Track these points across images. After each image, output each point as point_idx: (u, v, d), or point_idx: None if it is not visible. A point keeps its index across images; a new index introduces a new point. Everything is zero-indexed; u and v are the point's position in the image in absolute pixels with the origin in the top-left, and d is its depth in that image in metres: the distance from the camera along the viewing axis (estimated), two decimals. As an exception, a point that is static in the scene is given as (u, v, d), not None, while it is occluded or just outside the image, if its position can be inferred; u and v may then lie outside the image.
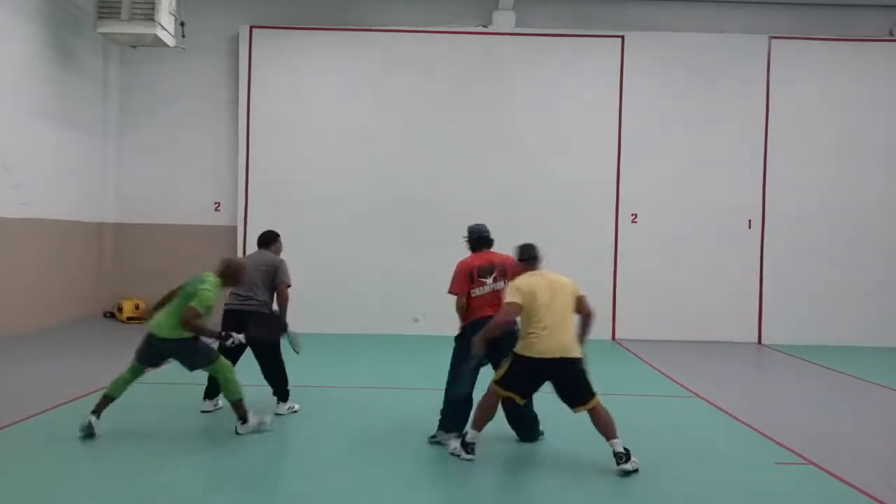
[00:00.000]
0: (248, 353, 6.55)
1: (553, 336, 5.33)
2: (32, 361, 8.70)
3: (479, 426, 5.49)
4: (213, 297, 5.80)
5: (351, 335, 11.76)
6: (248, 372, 6.41)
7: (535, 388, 5.55)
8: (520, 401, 5.55)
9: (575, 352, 5.39)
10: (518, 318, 5.47)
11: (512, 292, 5.50)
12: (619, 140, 12.43)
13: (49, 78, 11.14)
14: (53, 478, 4.88)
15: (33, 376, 7.88)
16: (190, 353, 5.84)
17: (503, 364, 5.54)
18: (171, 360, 5.96)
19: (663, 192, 12.41)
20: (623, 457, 5.20)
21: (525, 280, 5.56)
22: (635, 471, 5.15)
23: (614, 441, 5.28)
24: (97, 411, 5.74)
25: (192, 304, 5.69)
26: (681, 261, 12.40)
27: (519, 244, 5.86)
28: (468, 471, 5.28)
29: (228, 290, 6.47)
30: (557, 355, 5.32)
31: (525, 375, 5.42)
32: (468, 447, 5.42)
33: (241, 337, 6.11)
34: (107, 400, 5.80)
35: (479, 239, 6.47)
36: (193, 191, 12.85)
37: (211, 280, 5.91)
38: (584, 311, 5.61)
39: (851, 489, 5.06)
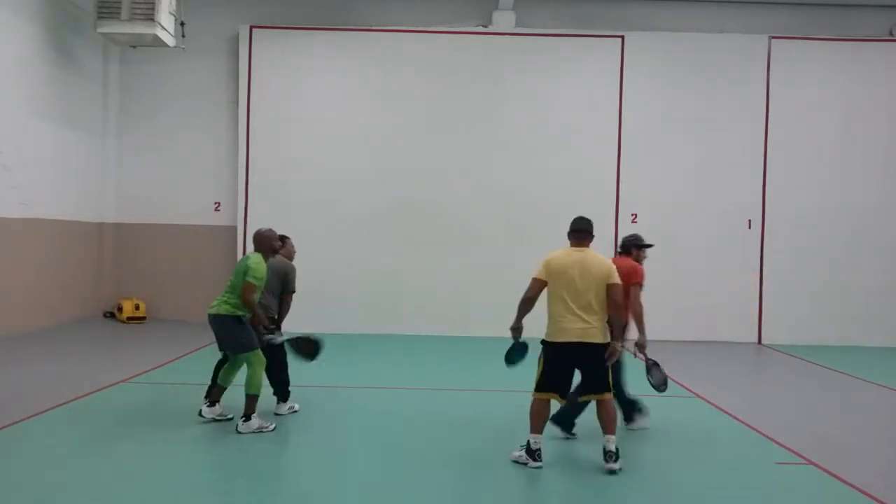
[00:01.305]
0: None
1: (577, 318, 5.19)
2: (32, 361, 8.70)
3: (538, 430, 5.31)
4: (263, 268, 6.06)
5: (351, 335, 11.75)
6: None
7: (566, 379, 5.35)
8: (560, 401, 5.44)
9: (596, 337, 5.23)
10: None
11: (538, 267, 5.40)
12: (619, 140, 12.43)
13: (49, 78, 11.14)
14: (53, 478, 4.88)
15: (33, 376, 7.88)
16: (234, 332, 6.04)
17: (538, 367, 5.42)
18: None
19: (663, 192, 12.41)
20: (613, 456, 5.18)
21: (556, 254, 5.42)
22: (617, 471, 5.15)
23: (610, 437, 5.23)
24: (210, 400, 6.26)
25: (247, 279, 5.94)
26: (681, 261, 12.39)
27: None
28: (466, 472, 5.27)
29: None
30: (577, 339, 5.19)
31: (554, 366, 5.30)
32: (535, 454, 5.25)
33: (281, 338, 6.35)
34: (219, 389, 6.28)
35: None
36: (193, 191, 12.84)
37: (254, 256, 6.13)
38: (610, 302, 5.28)
39: (851, 489, 5.06)
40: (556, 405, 5.57)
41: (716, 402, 7.64)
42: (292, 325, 7.00)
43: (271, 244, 6.29)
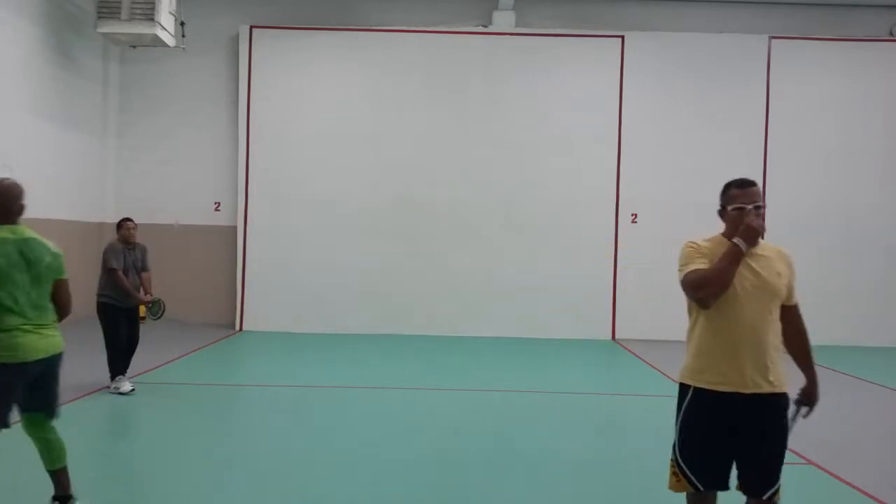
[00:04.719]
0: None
1: None
2: (32, 361, 8.69)
3: None
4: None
5: (351, 335, 11.75)
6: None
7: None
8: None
9: None
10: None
11: None
12: (619, 140, 12.43)
13: (49, 78, 11.14)
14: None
15: (33, 376, 7.88)
16: (58, 378, 4.48)
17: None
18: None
19: (663, 191, 12.41)
20: None
21: None
22: None
23: None
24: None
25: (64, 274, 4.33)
26: (681, 261, 12.37)
27: None
28: (467, 473, 5.27)
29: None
30: None
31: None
32: None
33: None
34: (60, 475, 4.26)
35: None
36: (193, 191, 12.84)
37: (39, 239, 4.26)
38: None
39: (852, 489, 5.06)
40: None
41: (716, 402, 7.62)
42: (294, 326, 6.97)
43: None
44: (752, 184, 3.43)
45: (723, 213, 3.55)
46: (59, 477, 4.15)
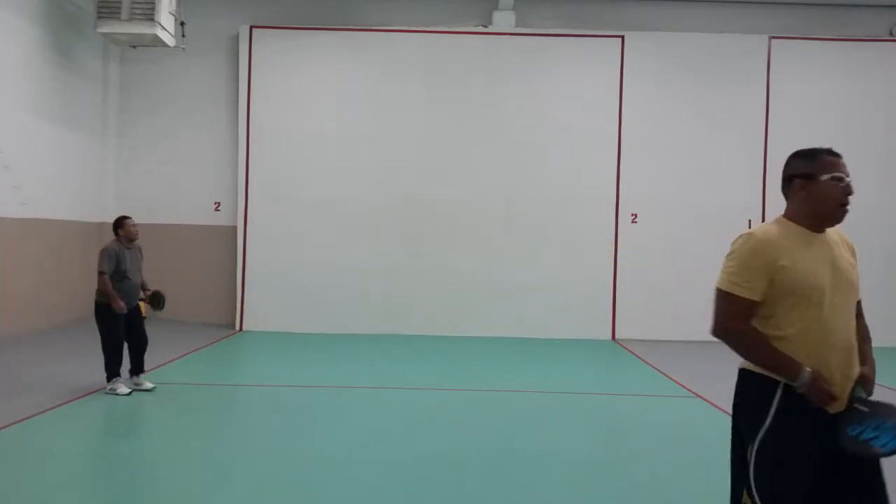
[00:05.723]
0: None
1: None
2: (32, 361, 8.70)
3: None
4: None
5: (351, 335, 11.75)
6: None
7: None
8: None
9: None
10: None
11: None
12: (619, 140, 12.43)
13: (49, 78, 11.14)
14: (53, 478, 4.88)
15: (33, 376, 7.88)
16: None
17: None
18: None
19: (663, 192, 12.41)
20: None
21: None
22: None
23: None
24: None
25: None
26: (681, 261, 12.40)
27: None
28: (467, 472, 5.27)
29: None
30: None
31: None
32: None
33: None
34: None
35: None
36: (193, 191, 12.85)
37: None
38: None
39: (851, 489, 5.05)
40: None
41: (716, 402, 7.64)
42: (294, 326, 6.97)
43: None
44: (840, 155, 2.94)
45: (805, 183, 2.93)
46: None
